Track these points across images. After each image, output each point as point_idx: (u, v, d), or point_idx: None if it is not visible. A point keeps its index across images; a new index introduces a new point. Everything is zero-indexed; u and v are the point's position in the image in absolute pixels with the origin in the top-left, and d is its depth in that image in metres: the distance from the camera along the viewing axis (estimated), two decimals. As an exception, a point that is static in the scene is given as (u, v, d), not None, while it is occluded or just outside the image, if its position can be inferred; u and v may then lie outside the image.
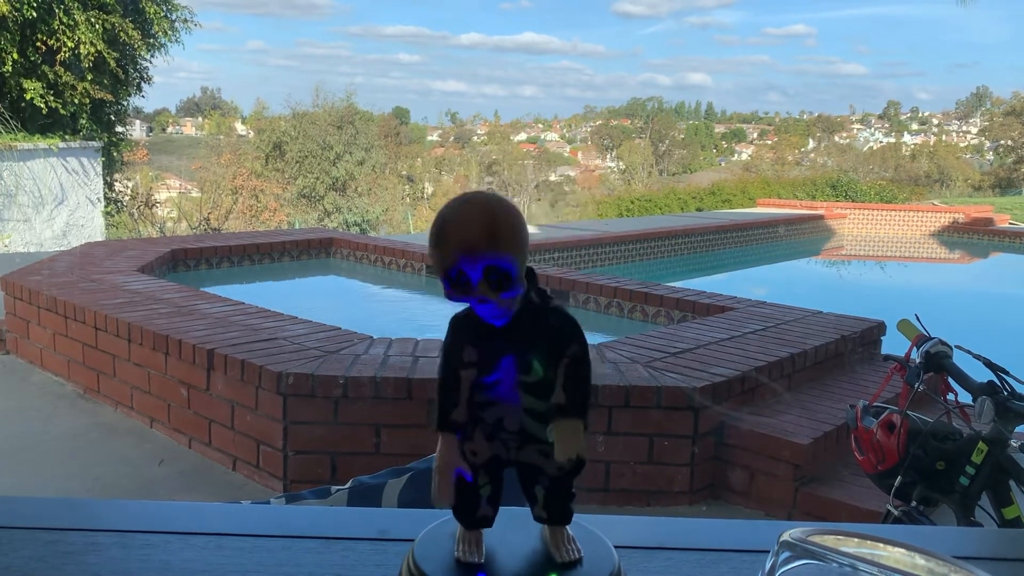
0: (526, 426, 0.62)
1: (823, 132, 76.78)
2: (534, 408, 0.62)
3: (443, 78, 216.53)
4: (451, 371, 0.63)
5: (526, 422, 0.62)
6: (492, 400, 0.62)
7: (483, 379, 0.62)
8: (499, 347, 0.61)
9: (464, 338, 0.62)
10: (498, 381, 0.62)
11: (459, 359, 0.62)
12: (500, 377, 0.61)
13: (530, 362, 0.61)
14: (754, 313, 4.95)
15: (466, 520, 0.65)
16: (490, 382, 0.62)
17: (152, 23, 13.22)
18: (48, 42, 11.75)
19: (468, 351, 0.62)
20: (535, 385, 0.61)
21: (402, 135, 42.92)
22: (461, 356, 0.62)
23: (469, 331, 0.62)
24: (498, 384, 0.62)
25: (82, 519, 0.78)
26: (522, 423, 0.62)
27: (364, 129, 26.90)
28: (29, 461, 3.78)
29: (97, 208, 12.21)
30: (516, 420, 0.62)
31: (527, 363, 0.61)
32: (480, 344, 0.62)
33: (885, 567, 0.52)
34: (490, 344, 0.61)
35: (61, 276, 5.38)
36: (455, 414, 0.63)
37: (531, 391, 0.61)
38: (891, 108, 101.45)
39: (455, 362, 0.62)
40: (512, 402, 0.62)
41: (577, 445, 0.60)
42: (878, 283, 11.91)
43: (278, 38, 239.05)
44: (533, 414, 0.62)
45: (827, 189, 20.51)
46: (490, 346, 0.61)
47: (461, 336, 0.62)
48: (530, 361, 0.61)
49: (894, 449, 2.08)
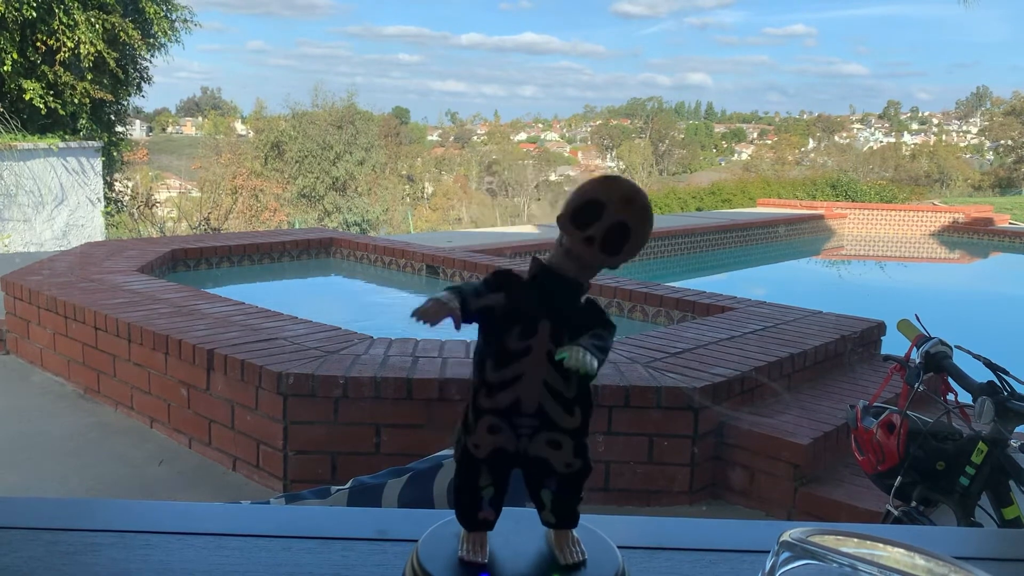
0: (544, 406, 0.62)
1: (823, 132, 76.80)
2: (556, 385, 0.62)
3: (443, 78, 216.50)
4: (485, 286, 0.63)
5: (545, 401, 0.62)
6: (514, 376, 0.62)
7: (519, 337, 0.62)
8: (537, 310, 0.62)
9: (504, 287, 0.63)
10: (529, 347, 0.62)
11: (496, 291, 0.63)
12: (532, 342, 0.62)
13: (562, 334, 0.62)
14: (754, 313, 4.95)
15: (467, 522, 0.65)
16: (521, 348, 0.62)
17: (152, 23, 13.22)
18: (48, 42, 11.76)
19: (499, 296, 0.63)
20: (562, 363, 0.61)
21: (402, 135, 42.93)
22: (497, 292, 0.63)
23: (512, 285, 0.63)
24: (529, 349, 0.62)
25: (82, 519, 0.78)
26: (541, 402, 0.62)
27: (364, 129, 26.91)
28: (29, 461, 3.78)
29: (97, 208, 12.21)
30: (535, 398, 0.62)
31: (561, 335, 0.62)
32: (519, 302, 0.63)
33: (885, 567, 0.52)
34: (529, 305, 0.62)
35: (61, 276, 5.38)
36: (471, 299, 0.62)
37: (557, 367, 0.62)
38: (891, 108, 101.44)
39: (492, 290, 0.63)
40: (537, 374, 0.62)
41: (586, 361, 0.59)
42: (878, 283, 11.91)
43: (278, 38, 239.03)
44: (553, 392, 0.62)
45: (827, 189, 20.51)
46: (526, 305, 0.62)
47: (502, 285, 0.63)
48: (562, 333, 0.62)
49: (894, 449, 2.08)
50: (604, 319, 0.64)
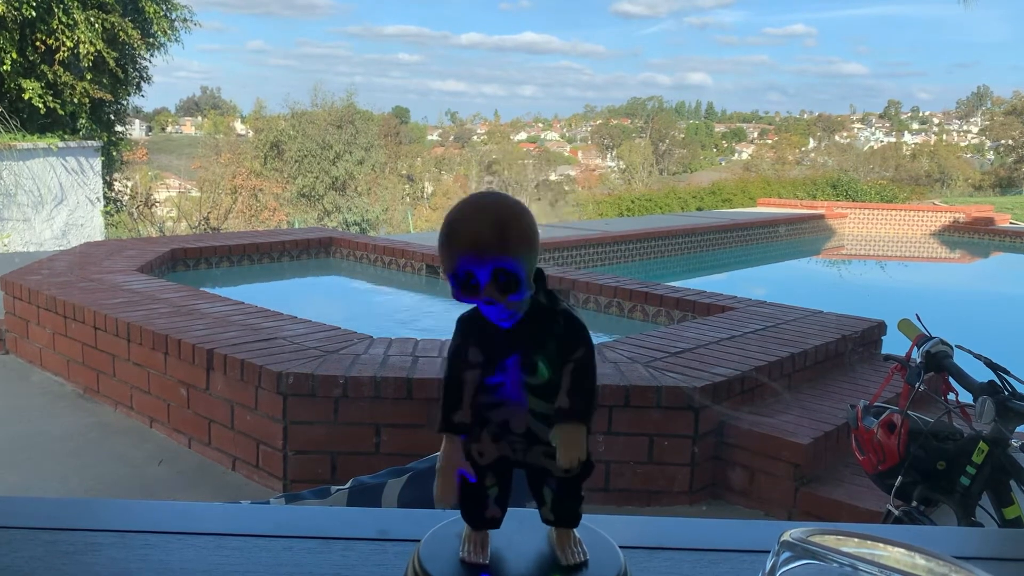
0: (532, 428, 0.62)
1: (823, 132, 76.79)
2: (540, 410, 0.61)
3: (443, 78, 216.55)
4: (456, 372, 0.62)
5: (532, 424, 0.62)
6: (498, 401, 0.62)
7: (488, 380, 0.61)
8: (505, 348, 0.61)
9: (470, 338, 0.62)
10: (502, 383, 0.61)
11: (464, 360, 0.62)
12: (504, 379, 0.61)
13: (535, 363, 0.60)
14: (754, 313, 4.95)
15: (474, 521, 0.65)
16: (495, 383, 0.61)
17: (152, 23, 13.21)
18: (47, 42, 11.75)
19: (474, 352, 0.62)
20: (541, 387, 0.61)
21: (402, 135, 42.91)
22: (467, 357, 0.62)
23: (475, 331, 0.62)
24: (503, 385, 0.61)
25: (82, 519, 0.78)
26: (528, 425, 0.62)
27: (364, 129, 26.89)
28: (29, 461, 3.78)
29: (96, 208, 12.21)
30: (522, 422, 0.62)
31: (532, 364, 0.60)
32: (486, 345, 0.61)
33: (885, 567, 0.52)
34: (496, 345, 0.61)
35: (60, 276, 5.38)
36: (458, 416, 0.62)
37: (536, 393, 0.61)
38: (891, 108, 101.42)
39: (460, 363, 0.62)
40: (517, 403, 0.61)
41: (579, 451, 0.59)
42: (878, 283, 11.91)
43: (278, 38, 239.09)
44: (539, 416, 0.61)
45: (827, 189, 20.51)
46: (496, 347, 0.61)
47: (467, 336, 0.62)
48: (535, 363, 0.60)
49: (894, 449, 2.08)
50: (576, 338, 0.61)
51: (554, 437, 0.60)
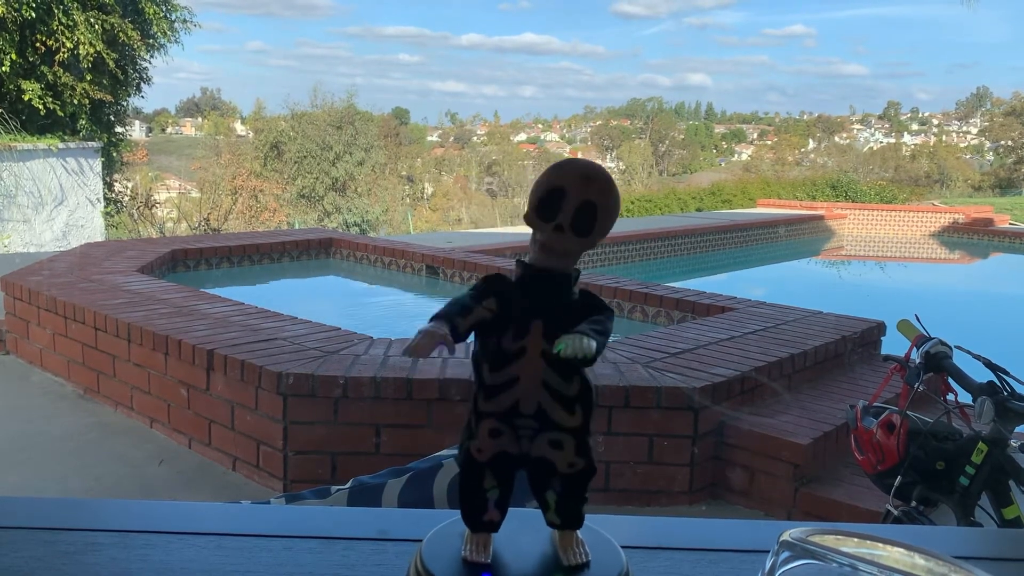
0: (544, 405, 0.62)
1: (823, 132, 76.78)
2: (554, 384, 0.62)
3: (443, 79, 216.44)
4: (473, 301, 0.63)
5: (544, 400, 0.62)
6: (511, 379, 0.62)
7: (512, 339, 0.62)
8: (527, 312, 0.62)
9: (492, 291, 0.63)
10: (523, 347, 0.62)
11: (480, 301, 0.62)
12: (525, 342, 0.62)
13: (557, 334, 0.61)
14: (754, 313, 4.95)
15: (473, 523, 0.65)
16: (515, 349, 0.62)
17: (151, 23, 13.22)
18: (47, 43, 11.76)
19: (489, 302, 0.62)
20: (558, 361, 0.60)
21: (402, 135, 42.93)
22: (485, 299, 0.63)
23: (500, 288, 0.63)
24: (523, 350, 0.62)
25: (82, 519, 0.78)
26: (540, 402, 0.62)
27: (364, 129, 26.89)
28: (29, 461, 3.78)
29: (97, 208, 12.21)
30: (533, 400, 0.62)
31: (555, 334, 0.61)
32: (506, 304, 0.62)
33: (885, 567, 0.52)
34: (518, 307, 0.62)
35: (61, 276, 5.38)
36: (458, 320, 0.62)
37: (554, 366, 0.61)
38: (891, 108, 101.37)
39: (479, 296, 0.63)
40: (532, 375, 0.62)
41: (584, 346, 0.58)
42: (878, 283, 11.91)
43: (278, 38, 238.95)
44: (552, 392, 0.62)
45: (827, 189, 20.52)
46: (518, 308, 0.62)
47: (492, 287, 0.63)
48: (557, 333, 0.61)
49: (894, 449, 2.08)
50: (600, 305, 0.63)
51: (561, 340, 0.59)
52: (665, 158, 62.33)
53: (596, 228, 0.61)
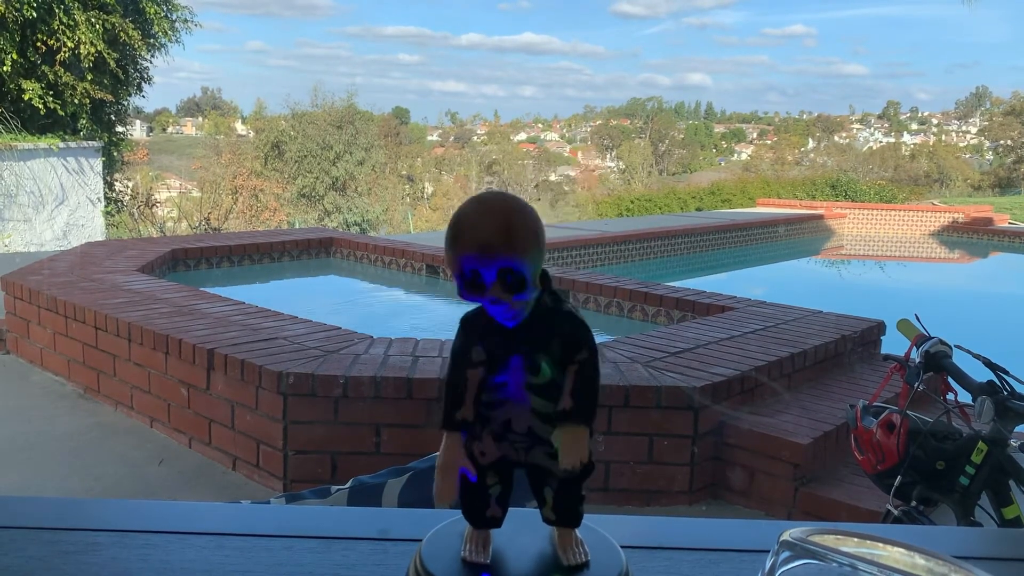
0: (534, 428, 0.62)
1: (823, 132, 76.76)
2: (542, 410, 0.61)
3: (443, 78, 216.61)
4: (459, 370, 0.62)
5: (534, 424, 0.62)
6: (501, 400, 0.62)
7: (491, 379, 0.62)
8: (508, 347, 0.61)
9: (474, 337, 0.62)
10: (505, 382, 0.61)
11: (468, 358, 0.62)
12: (507, 378, 0.61)
13: (539, 364, 0.60)
14: (754, 313, 4.95)
15: (475, 520, 0.65)
16: (498, 383, 0.62)
17: (152, 23, 13.21)
18: (48, 42, 11.75)
19: (477, 350, 0.62)
20: (543, 387, 0.61)
21: (402, 135, 42.92)
22: (470, 355, 0.62)
23: (479, 330, 0.62)
24: (506, 385, 0.61)
25: (82, 519, 0.78)
26: (530, 425, 0.62)
27: (364, 129, 26.88)
28: (29, 461, 3.78)
29: (97, 208, 12.21)
30: (524, 422, 0.62)
31: (535, 365, 0.60)
32: (490, 343, 0.61)
33: (885, 567, 0.52)
34: (500, 344, 0.61)
35: (61, 276, 5.38)
36: (460, 413, 0.62)
37: (539, 393, 0.61)
38: (891, 108, 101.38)
39: (464, 361, 0.62)
40: (520, 402, 0.61)
41: (580, 452, 0.59)
42: (878, 283, 11.91)
43: (278, 38, 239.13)
44: (541, 416, 0.61)
45: (827, 189, 20.51)
46: (499, 346, 0.61)
47: (471, 335, 0.62)
48: (539, 363, 0.60)
49: (894, 449, 2.08)
50: (580, 340, 0.61)
51: (556, 438, 0.60)
52: (665, 158, 62.31)
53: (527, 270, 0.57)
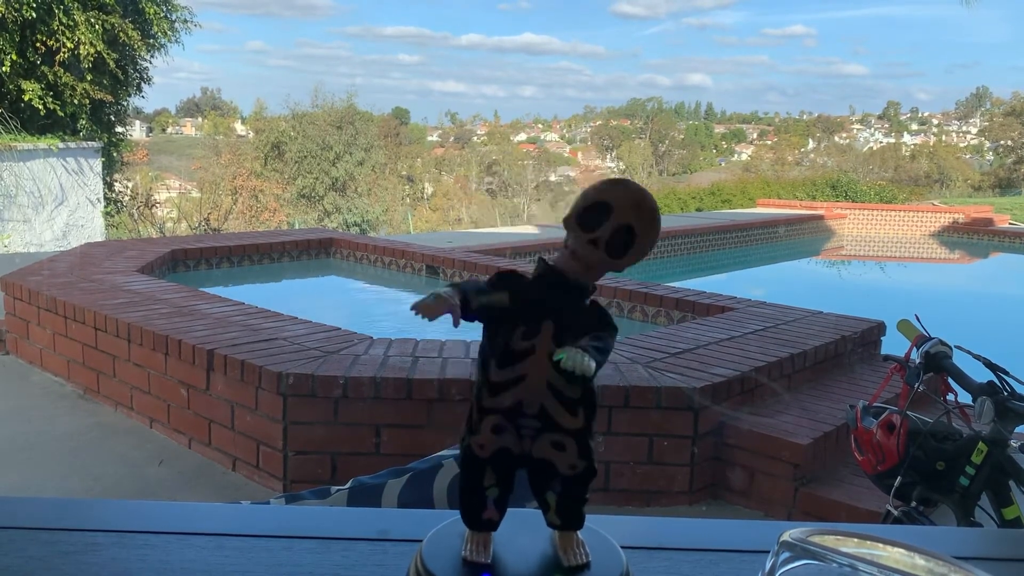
0: (547, 407, 0.62)
1: (823, 132, 76.79)
2: (558, 385, 0.62)
3: (443, 78, 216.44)
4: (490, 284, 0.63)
5: (548, 403, 0.62)
6: (518, 376, 0.62)
7: (522, 337, 0.62)
8: (542, 311, 0.62)
9: (503, 285, 0.63)
10: (533, 345, 0.62)
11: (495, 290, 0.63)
12: (536, 341, 0.62)
13: (566, 338, 0.61)
14: (754, 313, 4.95)
15: (471, 521, 0.65)
16: (524, 345, 0.62)
17: (152, 23, 13.21)
18: (47, 43, 11.75)
19: (502, 296, 0.63)
20: None
21: (402, 135, 42.94)
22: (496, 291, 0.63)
23: (515, 285, 0.63)
24: (532, 352, 0.62)
25: (82, 519, 0.78)
26: (543, 403, 0.62)
27: (364, 129, 26.90)
28: (29, 461, 3.78)
29: (97, 208, 12.21)
30: (537, 399, 0.62)
31: (563, 338, 0.61)
32: (523, 302, 0.63)
33: (885, 567, 0.52)
34: (528, 305, 0.62)
35: (61, 276, 5.38)
36: (472, 296, 0.62)
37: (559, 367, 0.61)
38: (891, 108, 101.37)
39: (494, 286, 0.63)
40: (539, 375, 0.62)
41: (582, 363, 0.59)
42: (878, 283, 11.91)
43: (278, 38, 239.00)
44: (556, 393, 0.62)
45: (827, 189, 20.51)
46: (528, 306, 0.62)
47: (504, 282, 0.63)
48: (566, 337, 0.61)
49: (894, 449, 2.08)
50: (607, 321, 0.64)
51: (562, 350, 0.60)
52: (665, 158, 62.34)
53: (628, 254, 0.62)
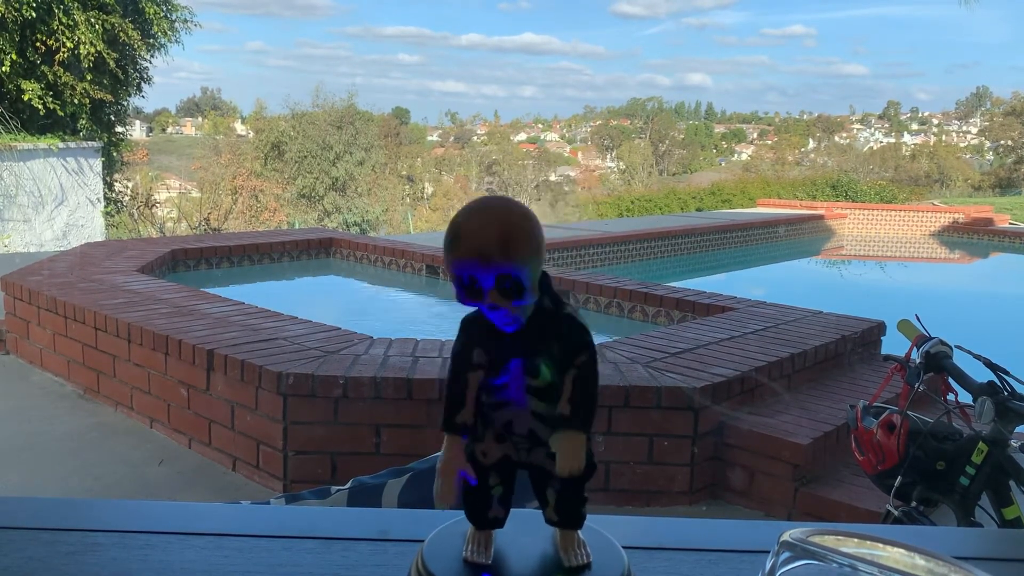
0: (534, 429, 0.62)
1: (823, 132, 76.74)
2: (542, 411, 0.62)
3: (443, 78, 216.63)
4: (459, 373, 0.63)
5: (534, 425, 0.62)
6: (501, 402, 0.62)
7: (491, 381, 0.62)
8: (508, 350, 0.61)
9: (474, 340, 0.62)
10: (506, 384, 0.61)
11: (468, 361, 0.62)
12: (507, 380, 0.61)
13: (538, 366, 0.61)
14: (754, 313, 4.95)
15: (478, 521, 0.65)
16: (498, 384, 0.62)
17: (152, 23, 13.21)
18: (47, 42, 11.74)
19: (478, 353, 0.62)
20: (543, 389, 0.61)
21: (402, 135, 42.91)
22: (470, 358, 0.62)
23: (479, 333, 0.62)
24: (506, 387, 0.62)
25: (82, 519, 0.78)
26: (530, 426, 0.62)
27: (364, 129, 26.89)
28: (29, 461, 3.78)
29: (97, 208, 12.21)
30: (524, 423, 0.62)
31: (535, 367, 0.61)
32: (489, 346, 0.62)
33: (885, 567, 0.52)
34: (500, 347, 0.61)
35: (61, 276, 5.38)
36: (461, 416, 0.63)
37: (539, 395, 0.61)
38: (891, 108, 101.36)
39: (464, 364, 0.62)
40: (520, 405, 0.62)
41: (577, 458, 0.60)
42: (878, 283, 11.90)
43: (278, 38, 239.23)
44: (541, 417, 0.62)
45: (827, 189, 20.51)
46: (499, 348, 0.61)
47: (471, 337, 0.62)
48: (538, 366, 0.61)
49: (894, 449, 2.08)
50: (579, 344, 0.60)
51: (553, 443, 0.60)
52: (665, 158, 62.32)
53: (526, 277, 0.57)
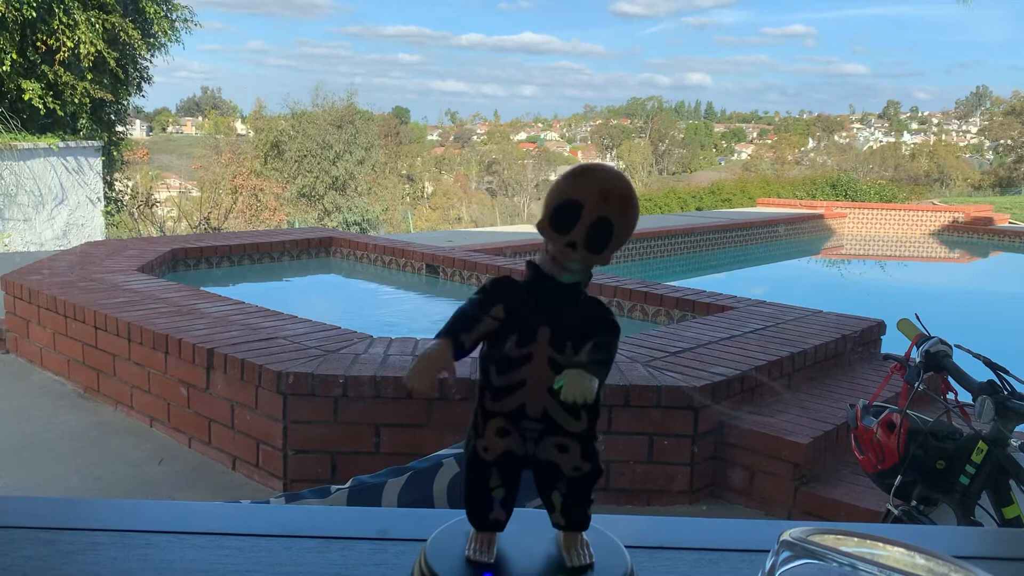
0: (549, 410, 0.62)
1: (823, 132, 76.73)
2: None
3: (443, 78, 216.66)
4: (477, 309, 0.62)
5: (550, 406, 0.62)
6: (519, 382, 0.62)
7: (519, 344, 0.61)
8: (536, 317, 0.61)
9: (497, 295, 0.62)
10: (530, 353, 0.61)
11: (488, 307, 0.62)
12: (531, 350, 0.61)
13: (564, 341, 0.61)
14: (754, 312, 4.95)
15: (478, 522, 0.65)
16: (521, 355, 0.61)
17: (152, 23, 13.22)
18: (48, 42, 11.75)
19: (498, 308, 0.62)
20: (565, 366, 0.61)
21: (402, 135, 42.89)
22: (490, 307, 0.62)
23: (506, 292, 0.62)
24: (530, 356, 0.61)
25: (82, 519, 0.78)
26: (546, 407, 0.62)
27: (364, 128, 26.90)
28: (29, 461, 3.78)
29: (97, 207, 12.21)
30: (540, 403, 0.62)
31: (562, 341, 0.61)
32: (514, 308, 0.62)
33: (885, 567, 0.52)
34: (524, 312, 0.61)
35: (61, 276, 5.38)
36: (463, 336, 0.62)
37: (560, 371, 0.61)
38: (891, 108, 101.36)
39: (485, 305, 0.62)
40: (539, 380, 0.61)
41: (584, 390, 0.59)
42: (878, 283, 11.90)
43: (277, 38, 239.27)
44: (558, 397, 0.61)
45: (827, 188, 20.50)
46: (524, 314, 0.61)
47: (497, 291, 0.62)
48: (564, 341, 0.61)
49: (894, 448, 2.08)
50: (606, 321, 0.62)
51: (562, 377, 0.59)
52: (665, 157, 62.33)
53: (610, 245, 0.60)
